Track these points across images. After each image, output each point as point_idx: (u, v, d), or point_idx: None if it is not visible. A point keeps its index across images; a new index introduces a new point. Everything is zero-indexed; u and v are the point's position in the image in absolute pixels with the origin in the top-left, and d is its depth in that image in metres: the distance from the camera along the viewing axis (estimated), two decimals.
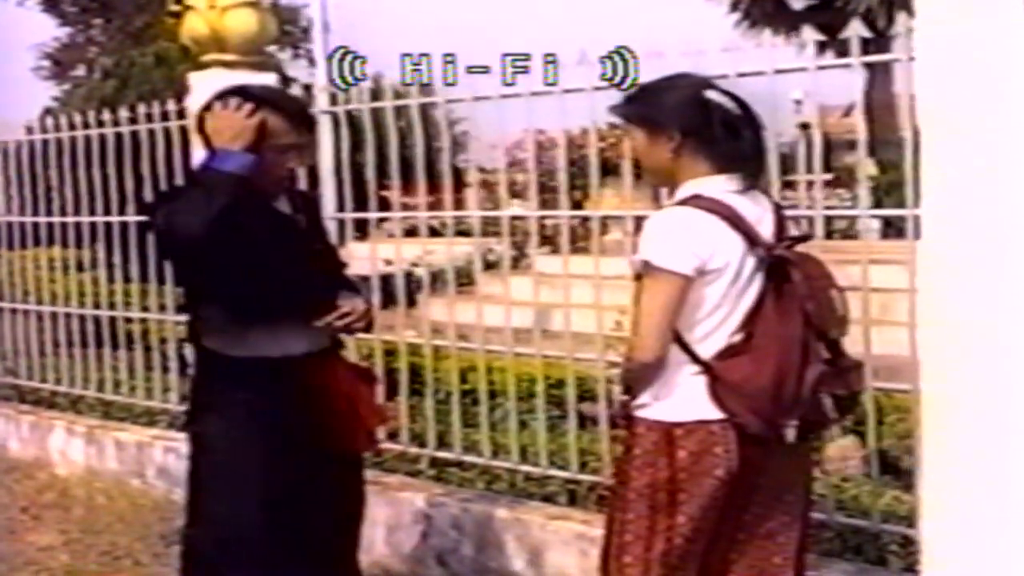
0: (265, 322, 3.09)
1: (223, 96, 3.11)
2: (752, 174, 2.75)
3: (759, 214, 2.75)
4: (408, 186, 4.84)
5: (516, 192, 6.52)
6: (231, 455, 3.06)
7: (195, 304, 3.25)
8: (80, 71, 26.47)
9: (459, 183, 5.21)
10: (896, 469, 4.11)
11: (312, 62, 25.55)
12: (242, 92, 3.15)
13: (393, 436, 4.74)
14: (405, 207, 4.94)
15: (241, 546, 3.05)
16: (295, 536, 3.12)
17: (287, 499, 3.09)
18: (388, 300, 4.83)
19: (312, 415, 3.10)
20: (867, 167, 17.46)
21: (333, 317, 3.13)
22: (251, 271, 3.03)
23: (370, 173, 4.75)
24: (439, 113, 4.70)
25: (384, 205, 4.94)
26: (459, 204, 5.12)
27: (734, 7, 23.86)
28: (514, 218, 4.87)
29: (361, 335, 3.87)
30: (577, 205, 4.74)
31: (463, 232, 5.09)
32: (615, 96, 3.88)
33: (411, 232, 5.30)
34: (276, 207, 3.20)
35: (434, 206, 4.89)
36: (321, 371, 3.15)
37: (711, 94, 2.75)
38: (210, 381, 3.15)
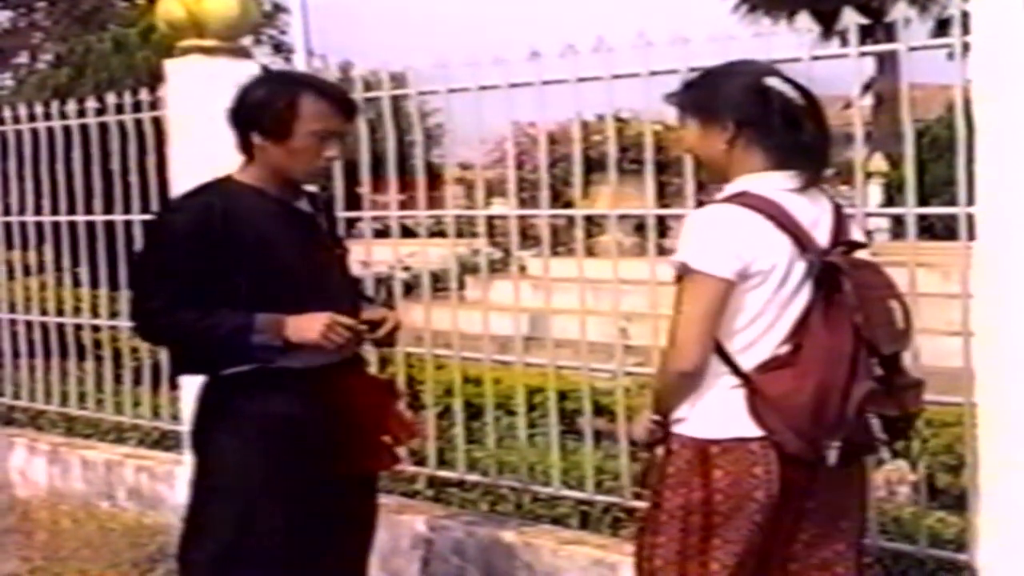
0: None
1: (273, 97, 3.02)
2: (813, 171, 2.68)
3: (816, 216, 2.69)
4: (405, 183, 4.86)
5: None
6: (245, 474, 3.02)
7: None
8: (23, 58, 26.24)
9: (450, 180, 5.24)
10: (932, 488, 4.09)
11: (276, 48, 25.41)
12: (282, 77, 3.12)
13: None
14: (403, 205, 4.93)
15: (252, 571, 3.02)
16: (309, 559, 3.08)
17: (303, 521, 3.05)
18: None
19: (335, 431, 3.05)
20: (878, 163, 17.29)
21: (364, 330, 3.09)
22: (274, 278, 3.01)
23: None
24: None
25: (372, 204, 4.94)
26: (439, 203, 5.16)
27: None
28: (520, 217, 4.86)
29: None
30: (567, 205, 4.76)
31: (460, 233, 5.08)
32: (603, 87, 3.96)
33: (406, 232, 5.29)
34: (298, 207, 3.16)
35: (432, 205, 4.89)
36: (344, 384, 3.10)
37: (772, 82, 2.68)
38: (221, 394, 3.08)
